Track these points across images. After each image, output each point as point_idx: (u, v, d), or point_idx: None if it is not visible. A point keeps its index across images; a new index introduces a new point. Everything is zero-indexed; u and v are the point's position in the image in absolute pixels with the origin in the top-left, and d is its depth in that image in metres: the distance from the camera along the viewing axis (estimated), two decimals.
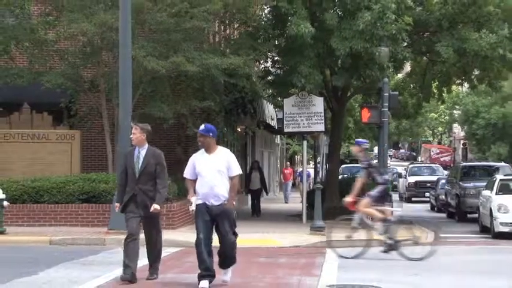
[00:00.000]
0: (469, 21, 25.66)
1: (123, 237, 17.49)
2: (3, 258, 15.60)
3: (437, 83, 31.57)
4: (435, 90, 32.34)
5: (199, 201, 11.57)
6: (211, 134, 11.71)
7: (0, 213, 19.27)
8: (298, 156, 66.07)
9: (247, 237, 20.42)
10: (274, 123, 37.85)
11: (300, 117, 25.47)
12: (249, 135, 38.38)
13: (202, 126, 11.91)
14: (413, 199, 44.60)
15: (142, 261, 12.58)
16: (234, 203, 11.93)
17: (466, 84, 36.01)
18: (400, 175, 52.28)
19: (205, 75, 22.91)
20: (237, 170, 11.81)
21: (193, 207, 11.55)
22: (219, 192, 11.57)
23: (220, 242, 11.72)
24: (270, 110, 36.54)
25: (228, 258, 11.80)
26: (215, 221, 11.56)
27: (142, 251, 12.30)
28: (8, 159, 23.39)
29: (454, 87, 37.48)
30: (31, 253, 16.41)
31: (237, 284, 12.52)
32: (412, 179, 45.96)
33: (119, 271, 13.26)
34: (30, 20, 23.56)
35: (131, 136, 12.42)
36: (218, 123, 25.10)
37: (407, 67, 32.82)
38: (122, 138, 19.80)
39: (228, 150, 12.06)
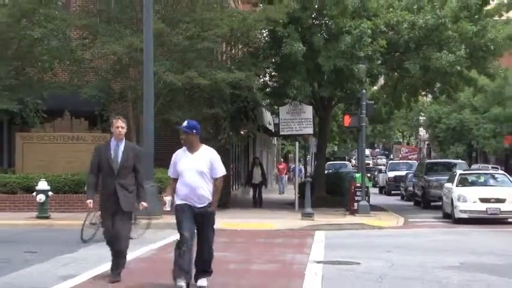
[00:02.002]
0: (432, 43, 25.64)
1: (148, 221, 17.46)
2: (48, 238, 15.63)
3: (406, 94, 31.56)
4: (404, 100, 32.32)
5: (180, 202, 9.16)
6: (194, 132, 9.34)
7: (46, 202, 19.29)
8: (291, 155, 65.98)
9: (249, 222, 20.46)
10: (271, 127, 37.80)
11: (293, 122, 25.46)
12: (250, 137, 38.37)
13: (184, 123, 9.47)
14: (392, 192, 42.82)
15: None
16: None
17: (429, 95, 35.98)
18: (380, 170, 51.56)
19: (214, 87, 22.88)
20: (221, 170, 9.28)
21: (167, 208, 9.23)
22: (201, 194, 9.12)
23: (198, 247, 9.30)
24: (268, 116, 36.50)
25: (206, 263, 9.37)
26: (197, 223, 9.17)
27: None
28: (52, 157, 23.30)
29: (420, 97, 37.45)
30: (70, 235, 16.39)
31: (240, 260, 12.52)
32: (391, 174, 44.28)
33: (144, 249, 13.30)
34: (70, 42, 23.57)
35: (120, 130, 9.77)
36: (225, 128, 25.10)
37: (381, 81, 32.81)
38: (146, 139, 19.85)
39: (213, 150, 9.46)
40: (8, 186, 21.72)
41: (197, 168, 9.13)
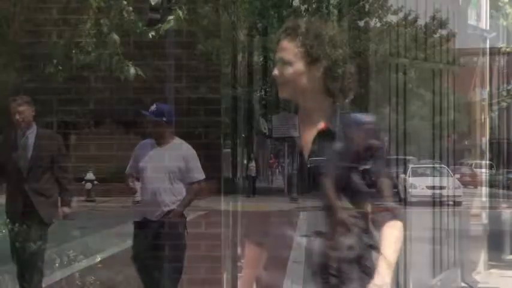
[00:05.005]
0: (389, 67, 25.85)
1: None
2: (94, 218, 15.69)
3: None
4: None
5: (138, 218, 5.20)
6: (164, 119, 4.92)
7: (93, 188, 19.44)
8: (282, 153, 65.74)
9: (247, 204, 20.47)
10: (266, 131, 37.73)
11: (283, 127, 25.53)
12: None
13: (152, 107, 4.96)
14: None
15: None
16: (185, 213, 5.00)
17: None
18: None
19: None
20: (199, 174, 4.99)
21: (138, 198, 5.15)
22: (165, 201, 4.93)
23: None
24: (264, 123, 36.48)
25: None
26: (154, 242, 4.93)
27: None
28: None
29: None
30: (111, 215, 16.49)
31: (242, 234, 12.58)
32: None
33: None
34: None
35: (17, 117, 5.11)
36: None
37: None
38: None
39: (188, 146, 5.08)
40: None
41: (164, 166, 4.95)
